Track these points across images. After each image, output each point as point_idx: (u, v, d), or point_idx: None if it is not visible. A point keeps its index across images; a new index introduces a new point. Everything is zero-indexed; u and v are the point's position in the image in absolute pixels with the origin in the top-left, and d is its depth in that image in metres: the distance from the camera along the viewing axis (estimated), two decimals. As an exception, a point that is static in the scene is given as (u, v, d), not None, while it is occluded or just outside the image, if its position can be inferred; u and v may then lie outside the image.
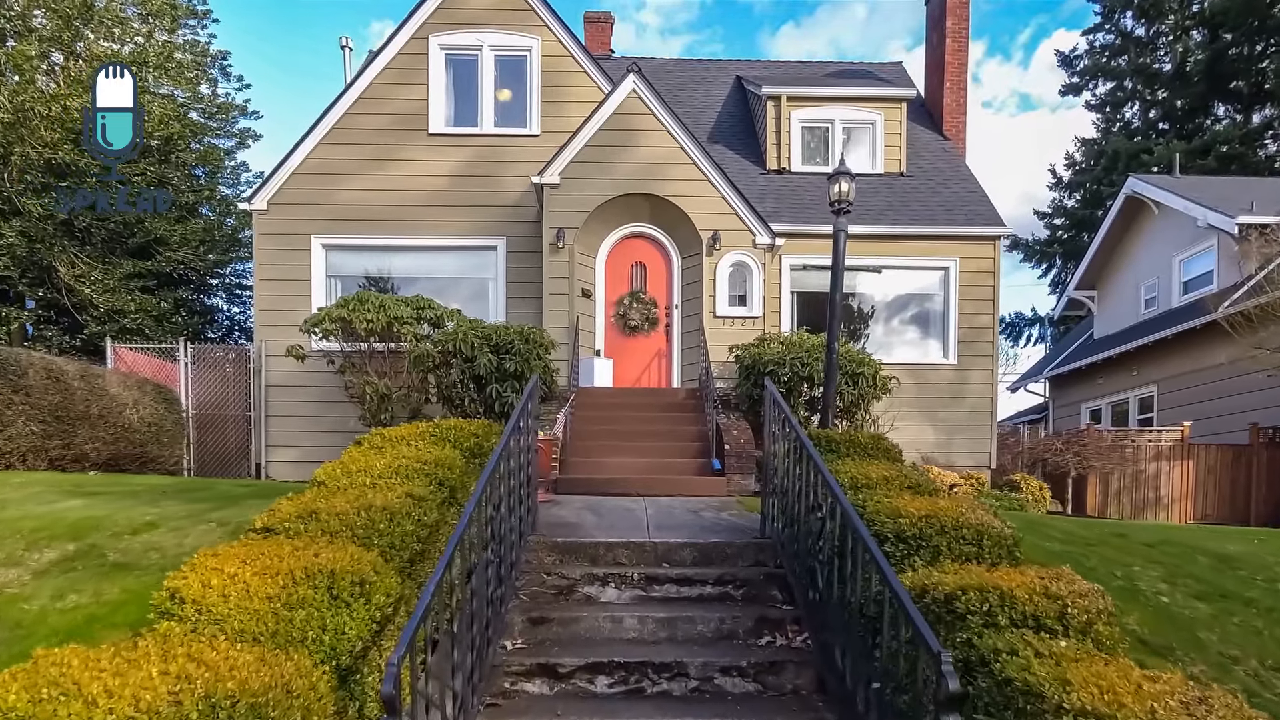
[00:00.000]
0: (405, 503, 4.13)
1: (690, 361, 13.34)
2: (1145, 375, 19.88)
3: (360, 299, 11.75)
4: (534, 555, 6.10)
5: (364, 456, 4.99)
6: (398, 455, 4.94)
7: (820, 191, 15.15)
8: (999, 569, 3.68)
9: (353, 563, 3.37)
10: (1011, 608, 3.16)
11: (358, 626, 3.18)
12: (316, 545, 3.56)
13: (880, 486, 4.99)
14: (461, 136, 13.99)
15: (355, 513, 3.92)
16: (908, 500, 4.34)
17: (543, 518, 7.35)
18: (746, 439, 10.93)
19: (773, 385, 6.29)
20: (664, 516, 7.62)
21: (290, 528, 3.82)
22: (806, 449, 4.92)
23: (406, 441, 5.61)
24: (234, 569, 3.20)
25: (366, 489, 4.41)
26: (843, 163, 7.31)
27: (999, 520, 4.18)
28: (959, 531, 3.99)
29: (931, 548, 3.97)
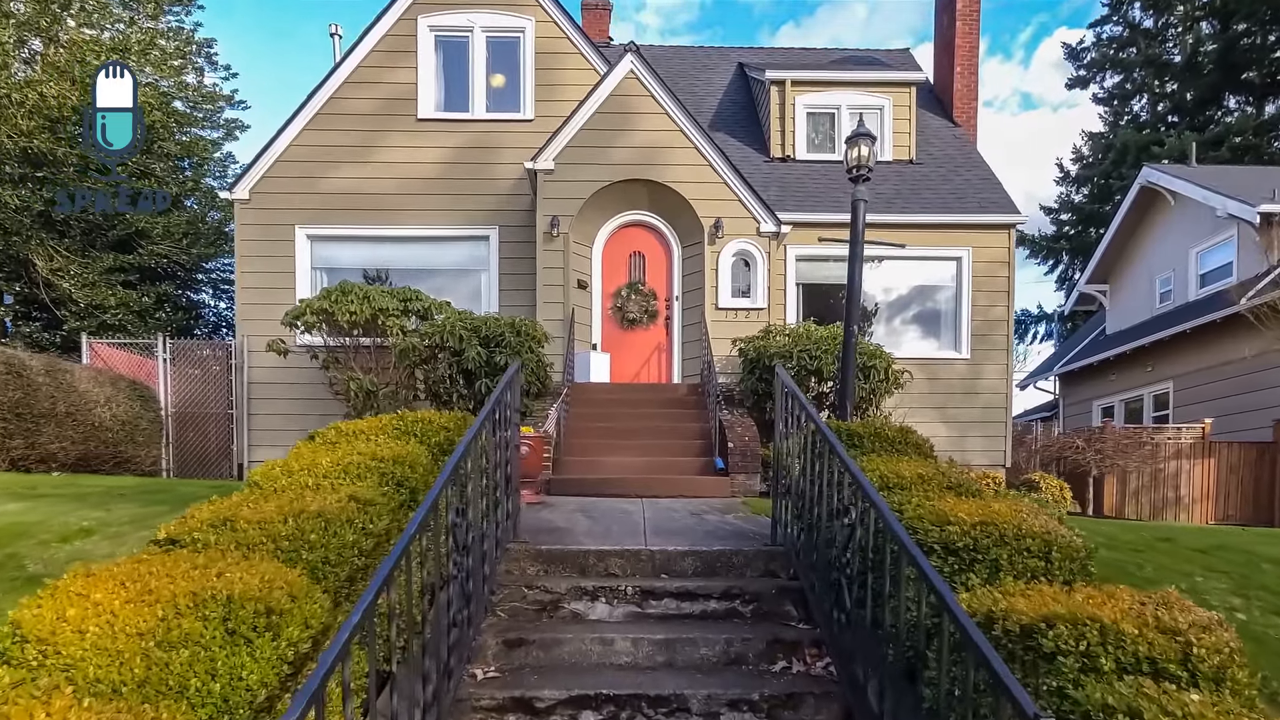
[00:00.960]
0: (347, 508, 3.37)
1: (691, 356, 12.57)
2: (1161, 371, 19.08)
3: (343, 290, 10.99)
4: (514, 565, 5.33)
5: (312, 453, 4.24)
6: (351, 451, 4.19)
7: (827, 179, 14.41)
8: (1077, 589, 2.92)
9: (262, 585, 2.61)
10: (1118, 646, 2.38)
11: (261, 670, 2.43)
12: (224, 561, 2.81)
13: (916, 486, 4.22)
14: (452, 122, 13.22)
15: (281, 520, 3.17)
16: (954, 503, 3.57)
17: (529, 522, 6.59)
18: (751, 436, 10.19)
19: (784, 371, 5.53)
20: (663, 520, 6.85)
21: (200, 539, 3.07)
22: (830, 443, 4.15)
23: (365, 436, 4.86)
24: (102, 595, 2.44)
25: (305, 491, 3.66)
26: (861, 124, 6.54)
27: (1066, 528, 3.41)
28: (1022, 542, 3.22)
29: (989, 562, 3.20)
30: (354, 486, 3.68)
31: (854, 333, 6.72)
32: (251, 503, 3.46)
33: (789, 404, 5.44)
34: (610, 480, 9.26)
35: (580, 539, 5.81)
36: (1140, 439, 14.88)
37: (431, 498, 3.24)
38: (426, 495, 3.28)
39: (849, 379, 6.75)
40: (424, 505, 3.18)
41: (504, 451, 5.27)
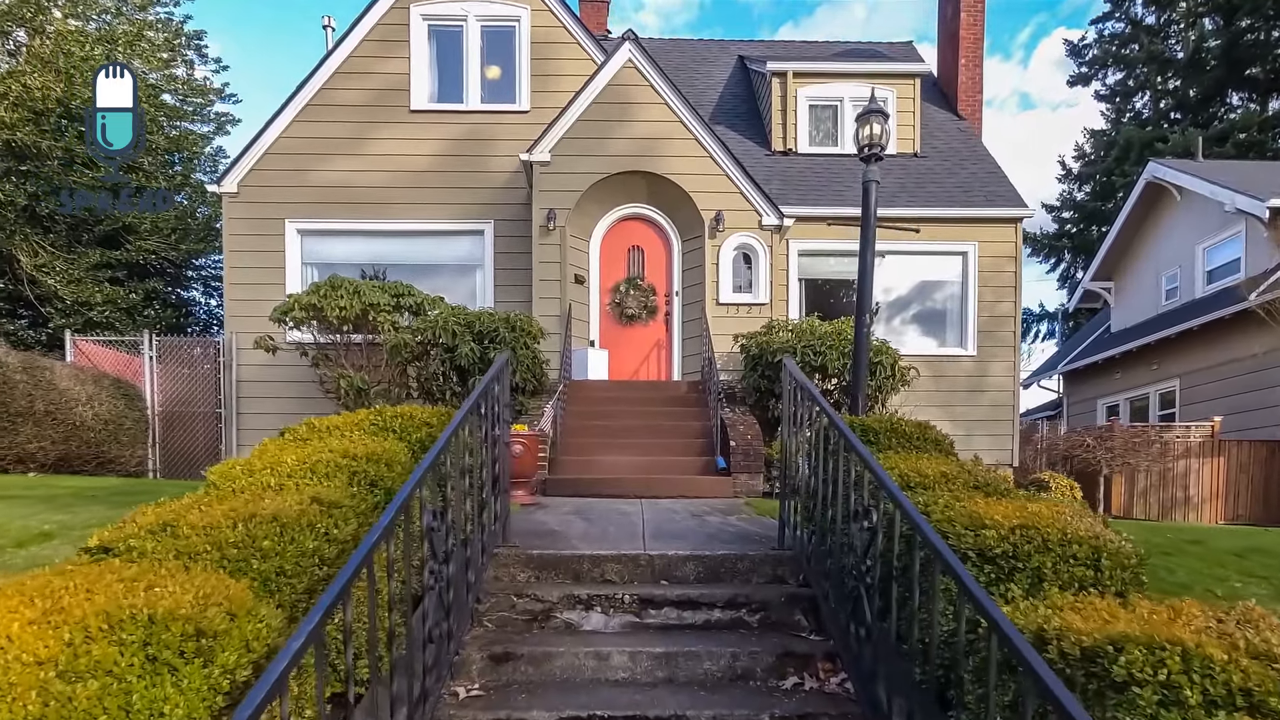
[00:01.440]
0: (307, 511, 2.97)
1: (692, 352, 12.18)
2: (1166, 369, 18.69)
3: (332, 284, 10.62)
4: (503, 571, 4.94)
5: (279, 450, 3.85)
6: (322, 448, 3.80)
7: (830, 173, 14.04)
8: (1133, 601, 2.54)
9: (196, 601, 2.22)
10: (1205, 675, 1.99)
11: (188, 703, 2.03)
12: (158, 573, 2.42)
13: (940, 486, 3.82)
14: (446, 113, 12.83)
15: (230, 525, 2.78)
16: (987, 504, 3.17)
17: (522, 524, 6.20)
18: (754, 435, 9.81)
19: (793, 363, 5.14)
20: (663, 522, 6.46)
21: (136, 547, 2.68)
22: (846, 439, 3.76)
23: (340, 432, 4.48)
24: (1, 614, 2.05)
25: (266, 492, 3.27)
26: (874, 100, 6.15)
27: (1114, 532, 3.03)
28: (1068, 548, 2.82)
29: (1030, 570, 2.81)
30: (320, 487, 3.29)
31: (866, 322, 6.33)
32: (203, 505, 3.07)
33: (798, 398, 5.05)
34: (608, 480, 8.89)
35: (575, 543, 5.42)
36: (1151, 437, 14.50)
37: (401, 499, 2.85)
38: (396, 496, 2.89)
39: (861, 371, 6.36)
40: (391, 507, 2.78)
41: (492, 449, 4.88)
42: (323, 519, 3.00)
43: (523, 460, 8.03)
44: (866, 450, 3.45)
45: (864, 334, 6.31)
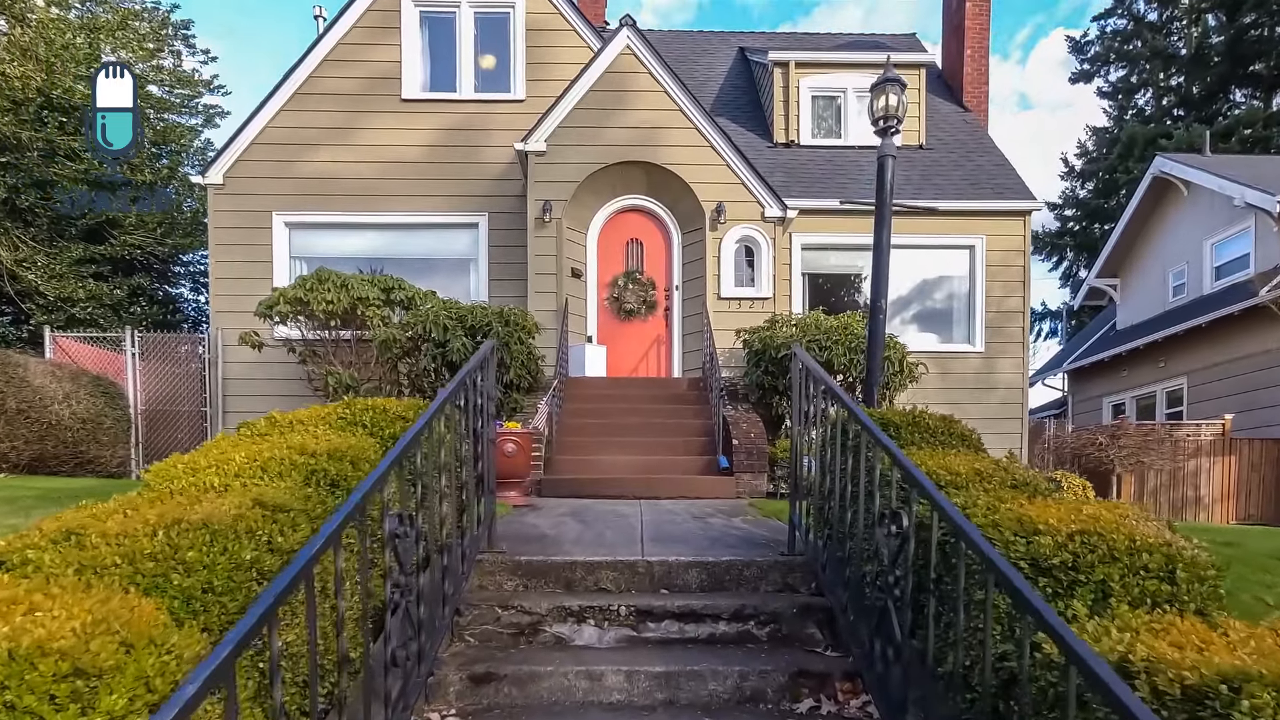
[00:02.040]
0: (248, 515, 2.52)
1: (693, 348, 11.73)
2: (1174, 367, 18.25)
3: (319, 278, 10.16)
4: (489, 579, 4.49)
5: (232, 446, 3.41)
6: (280, 444, 3.35)
7: (833, 165, 13.60)
8: (1219, 621, 2.09)
9: (82, 630, 1.77)
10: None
11: (57, 764, 1.59)
12: (49, 592, 1.97)
13: (974, 485, 3.36)
14: (438, 102, 12.37)
15: (149, 533, 2.33)
16: (1036, 506, 2.72)
17: (512, 528, 5.75)
18: (758, 433, 9.38)
19: (804, 351, 4.69)
20: (663, 525, 6.01)
21: (33, 559, 2.23)
22: (870, 433, 3.31)
23: (304, 427, 4.03)
24: None
25: (206, 493, 2.83)
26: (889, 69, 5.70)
27: (1184, 538, 2.58)
28: (1138, 558, 2.36)
29: (1094, 584, 2.35)
30: (269, 487, 2.85)
31: (882, 307, 5.88)
32: (130, 509, 2.63)
33: (809, 389, 4.60)
34: (606, 480, 8.46)
35: (567, 548, 4.96)
36: (1164, 435, 14.06)
37: (355, 500, 2.40)
38: (349, 497, 2.44)
39: (876, 360, 5.90)
40: (342, 510, 2.34)
41: (476, 445, 4.43)
42: (265, 525, 2.54)
43: (515, 460, 7.59)
44: (894, 445, 3.00)
45: (880, 320, 5.86)
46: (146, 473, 3.19)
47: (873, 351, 5.84)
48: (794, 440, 4.77)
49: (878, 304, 5.78)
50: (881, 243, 5.68)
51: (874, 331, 5.83)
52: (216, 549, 2.37)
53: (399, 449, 2.87)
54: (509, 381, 9.75)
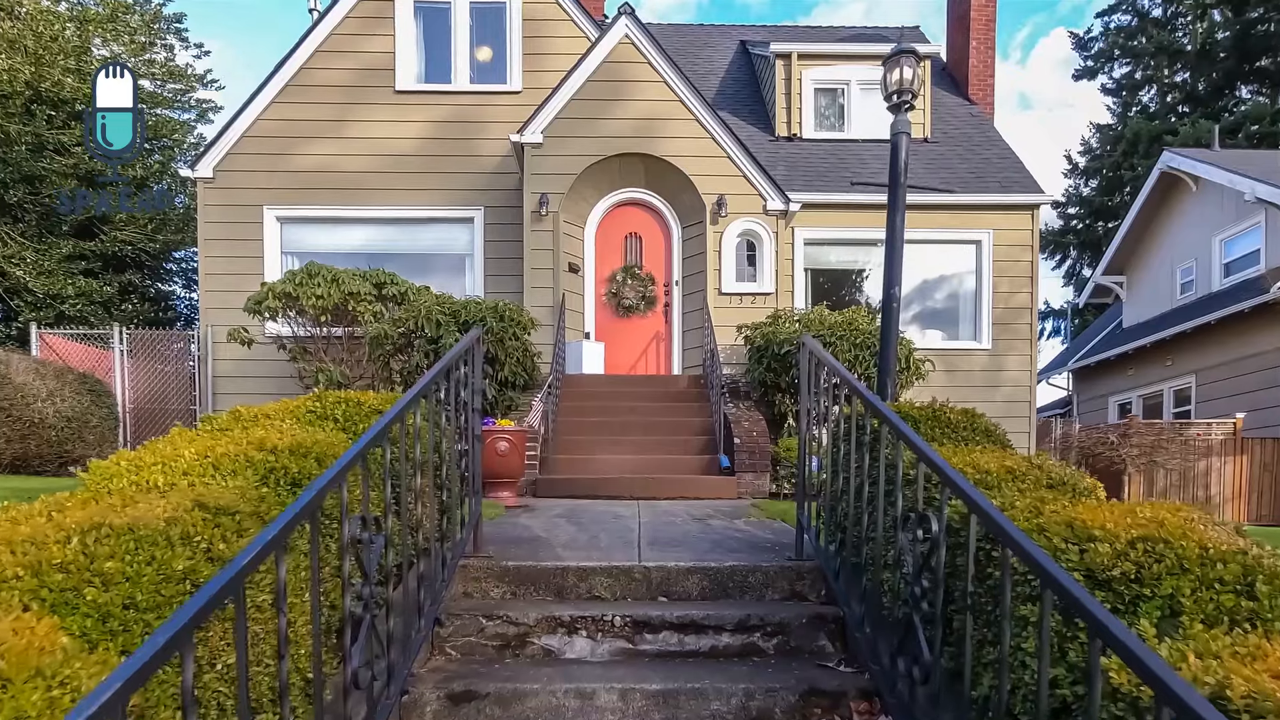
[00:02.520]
0: (184, 519, 2.19)
1: (693, 345, 11.40)
2: (1182, 365, 17.88)
3: (309, 272, 9.85)
4: (474, 586, 4.15)
5: (187, 442, 3.08)
6: (240, 439, 3.02)
7: (837, 158, 13.28)
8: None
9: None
10: None
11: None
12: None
13: (1007, 485, 3.02)
14: (433, 94, 12.05)
15: (61, 540, 2.00)
16: (1087, 510, 2.37)
17: (502, 530, 5.42)
18: (760, 431, 9.07)
19: (814, 341, 4.37)
20: (662, 527, 5.67)
21: (-78, 572, 1.90)
22: (893, 427, 2.98)
23: (269, 420, 3.70)
24: None
25: (146, 494, 2.50)
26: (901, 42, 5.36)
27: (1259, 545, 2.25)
28: (1210, 569, 2.01)
29: (1162, 599, 2.00)
30: (217, 487, 2.52)
31: (896, 296, 5.53)
32: (56, 511, 2.30)
33: (819, 381, 4.27)
34: (603, 481, 8.14)
35: (559, 552, 4.63)
36: (1178, 434, 13.71)
37: (304, 501, 2.07)
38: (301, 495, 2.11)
39: (890, 351, 5.56)
40: (289, 512, 2.00)
41: (460, 442, 4.10)
42: (205, 529, 2.21)
43: (509, 458, 7.26)
44: (921, 440, 2.67)
45: (893, 310, 5.51)
46: (84, 473, 2.86)
47: (886, 343, 5.50)
48: (801, 436, 4.43)
49: (891, 292, 5.43)
50: (895, 227, 5.34)
51: (887, 322, 5.49)
52: (142, 558, 2.04)
53: (362, 443, 2.54)
54: (504, 379, 9.42)
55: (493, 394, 9.27)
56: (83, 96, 15.09)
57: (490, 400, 9.31)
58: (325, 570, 2.67)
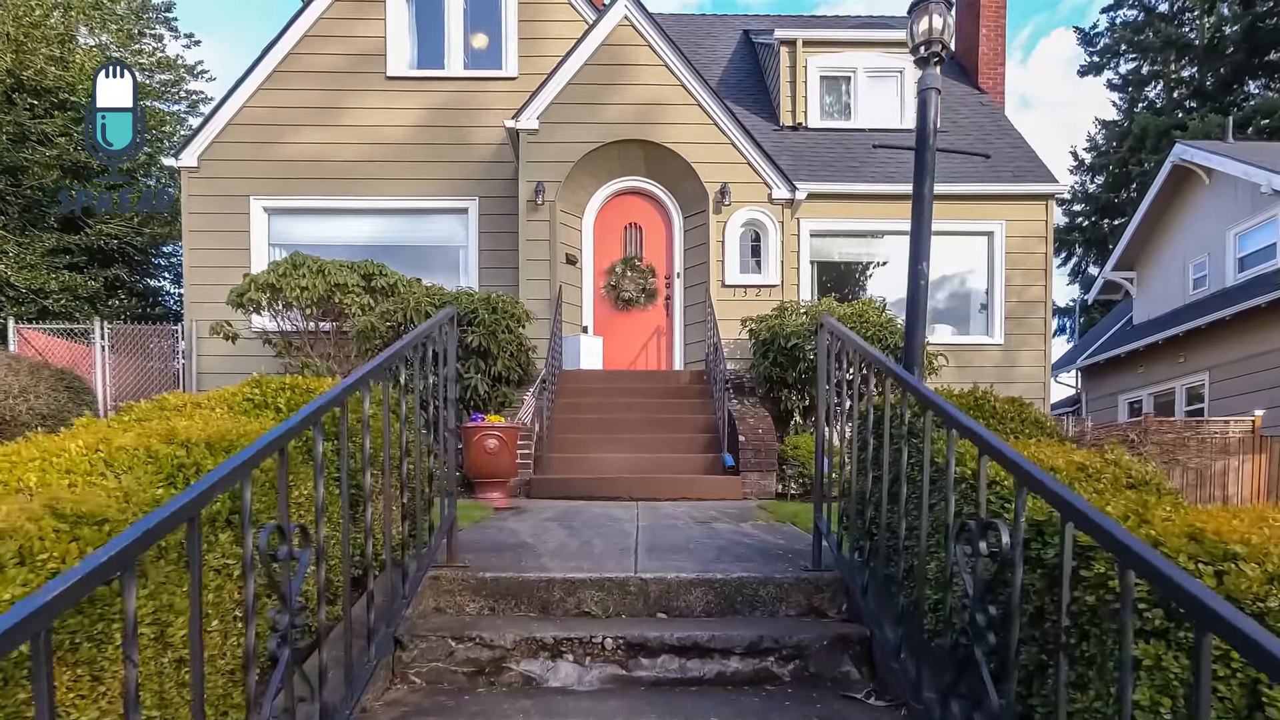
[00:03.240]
0: (26, 530, 1.64)
1: (695, 339, 10.85)
2: (1195, 362, 17.29)
3: (294, 263, 9.31)
4: (446, 600, 3.60)
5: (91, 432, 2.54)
6: (147, 430, 2.49)
7: (843, 148, 12.72)
8: None
9: None
10: None
11: None
12: None
13: (1080, 484, 2.45)
14: (425, 80, 11.51)
15: None
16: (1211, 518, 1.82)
17: (488, 535, 4.87)
18: (766, 429, 8.53)
19: (834, 320, 3.83)
20: (662, 531, 5.12)
21: None
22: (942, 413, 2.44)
23: (202, 409, 3.17)
24: None
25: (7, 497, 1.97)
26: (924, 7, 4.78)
27: None
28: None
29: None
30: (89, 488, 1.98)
31: (923, 272, 4.97)
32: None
33: (841, 366, 3.73)
34: (601, 481, 7.61)
35: (546, 561, 4.08)
36: (1194, 432, 13.12)
37: (174, 507, 1.53)
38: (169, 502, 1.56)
39: (917, 335, 4.99)
40: (153, 519, 1.47)
41: (427, 434, 3.56)
42: (57, 545, 1.67)
43: (498, 457, 6.73)
44: (982, 428, 2.12)
45: (921, 288, 4.94)
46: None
47: (913, 324, 4.93)
48: (820, 430, 3.89)
49: (918, 268, 4.87)
50: (923, 196, 4.79)
51: (914, 300, 4.91)
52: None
53: (280, 430, 1.99)
54: (497, 374, 8.88)
55: (486, 389, 8.73)
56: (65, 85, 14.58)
57: (484, 396, 8.77)
58: (235, 593, 2.13)
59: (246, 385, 3.28)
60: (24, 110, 14.29)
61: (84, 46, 15.88)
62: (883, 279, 12.39)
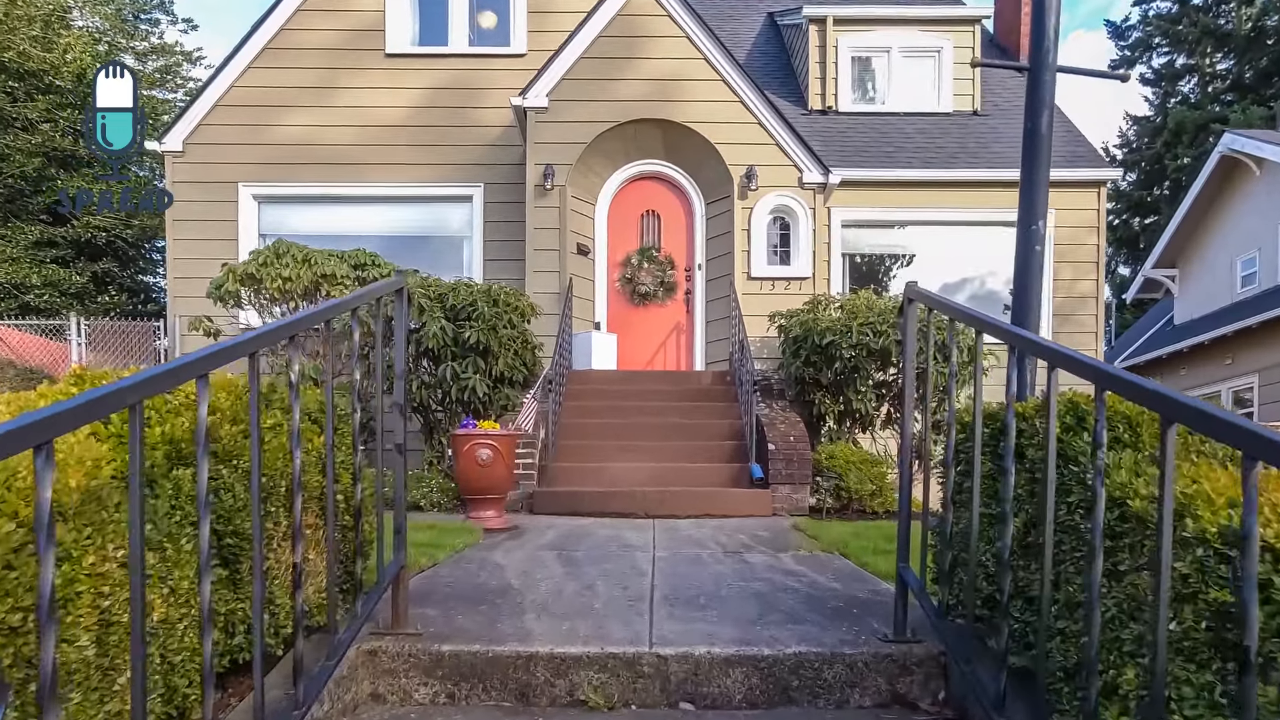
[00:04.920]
0: None
1: (717, 337, 9.76)
2: (1243, 364, 16.04)
3: (277, 251, 8.31)
4: (388, 684, 2.55)
5: None
6: None
7: (877, 132, 11.60)
8: None
9: None
10: None
11: None
12: None
13: None
14: (427, 57, 10.49)
15: None
16: None
17: (463, 573, 3.82)
18: (798, 436, 7.47)
19: (927, 290, 2.76)
20: (684, 567, 4.05)
21: None
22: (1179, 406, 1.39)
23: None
24: None
25: None
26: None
27: None
28: None
29: None
30: None
31: (1038, 232, 3.81)
32: None
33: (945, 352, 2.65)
34: (613, 494, 6.58)
35: (530, 621, 3.00)
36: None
37: None
38: None
39: (1031, 314, 3.81)
40: None
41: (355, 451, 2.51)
42: None
43: (492, 469, 5.68)
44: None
45: (1035, 255, 3.78)
46: None
47: (1024, 304, 3.76)
48: (904, 444, 2.81)
49: (1032, 228, 3.73)
50: (1039, 132, 3.68)
51: (1025, 273, 3.73)
52: None
53: None
54: (499, 374, 7.84)
55: (485, 391, 7.69)
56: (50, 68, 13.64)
57: (483, 398, 7.74)
58: None
59: (67, 380, 2.25)
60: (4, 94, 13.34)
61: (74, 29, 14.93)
62: (918, 273, 11.25)
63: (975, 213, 10.86)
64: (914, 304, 2.81)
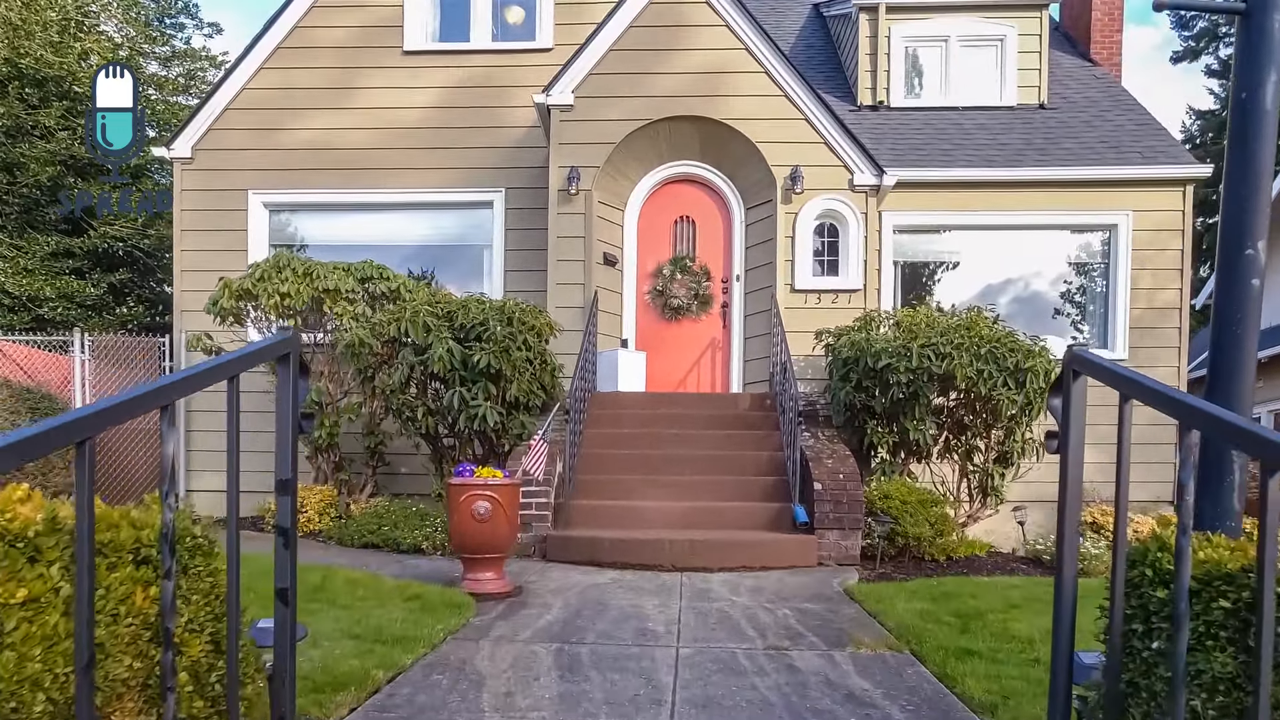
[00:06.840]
0: None
1: (757, 355, 8.75)
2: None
3: (277, 264, 7.55)
4: None
5: None
6: None
7: (933, 128, 10.48)
8: None
9: None
10: None
11: None
12: None
13: None
14: (448, 54, 9.63)
15: None
16: None
17: (427, 700, 2.92)
18: (848, 473, 6.50)
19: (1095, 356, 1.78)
20: (716, 693, 3.09)
21: None
22: None
23: None
24: None
25: None
26: None
27: None
28: None
29: None
30: None
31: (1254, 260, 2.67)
32: None
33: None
34: (637, 543, 5.71)
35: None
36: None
37: None
38: None
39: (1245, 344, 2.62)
40: None
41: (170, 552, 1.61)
42: None
43: (491, 524, 4.77)
44: None
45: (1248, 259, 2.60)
46: None
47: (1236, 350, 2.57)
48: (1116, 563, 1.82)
49: (1246, 254, 2.60)
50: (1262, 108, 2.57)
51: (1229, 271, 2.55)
52: None
53: None
54: (513, 399, 6.96)
55: (498, 419, 6.81)
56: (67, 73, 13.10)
57: (495, 427, 6.87)
58: None
59: None
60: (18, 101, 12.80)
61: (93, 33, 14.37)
62: (962, 278, 10.13)
63: (1038, 215, 9.72)
64: (1081, 378, 1.82)
